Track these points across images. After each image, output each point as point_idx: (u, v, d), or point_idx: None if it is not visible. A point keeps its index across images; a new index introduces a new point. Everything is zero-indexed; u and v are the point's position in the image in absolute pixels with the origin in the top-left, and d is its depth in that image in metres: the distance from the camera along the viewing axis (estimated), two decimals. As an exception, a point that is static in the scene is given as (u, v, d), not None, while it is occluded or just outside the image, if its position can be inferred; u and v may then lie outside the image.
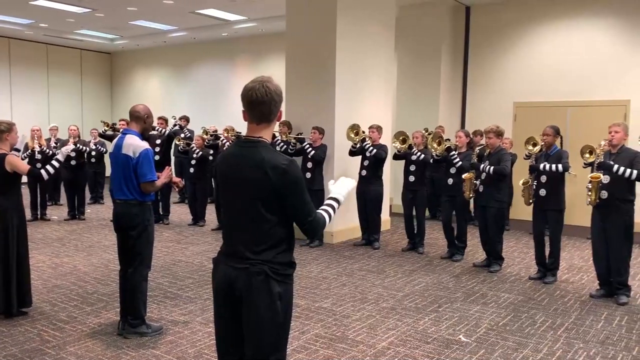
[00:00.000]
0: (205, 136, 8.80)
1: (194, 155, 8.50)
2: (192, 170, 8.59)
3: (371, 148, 7.08)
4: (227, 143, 7.98)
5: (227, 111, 12.90)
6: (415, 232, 7.19)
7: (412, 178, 7.02)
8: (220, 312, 2.37)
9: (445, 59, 10.18)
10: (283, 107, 8.04)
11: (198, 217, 8.81)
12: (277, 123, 7.44)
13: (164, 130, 8.71)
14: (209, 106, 13.80)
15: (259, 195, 2.22)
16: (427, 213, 8.08)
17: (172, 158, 9.90)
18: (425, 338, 4.20)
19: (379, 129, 7.20)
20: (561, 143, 5.72)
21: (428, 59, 10.15)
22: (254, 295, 2.23)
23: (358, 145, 7.18)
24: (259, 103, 2.23)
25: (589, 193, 5.07)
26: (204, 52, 14.24)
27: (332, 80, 7.54)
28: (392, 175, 9.00)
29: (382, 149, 7.09)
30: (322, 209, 2.38)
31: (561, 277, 5.97)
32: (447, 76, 10.28)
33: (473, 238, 7.29)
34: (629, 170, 4.82)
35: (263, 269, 2.22)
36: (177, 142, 9.17)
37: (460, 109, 10.50)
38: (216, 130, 9.12)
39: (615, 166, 4.87)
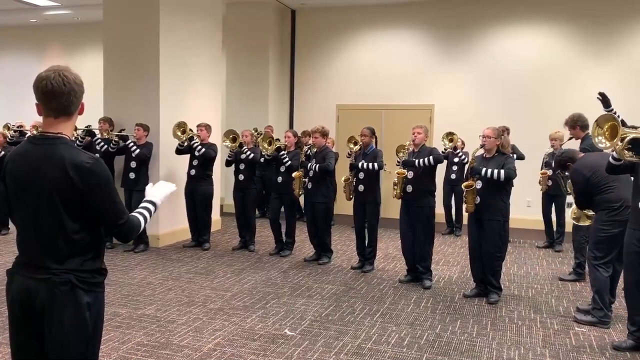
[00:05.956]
0: (6, 132, 7.78)
1: None
2: None
3: (200, 147, 6.95)
4: None
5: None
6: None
7: (241, 177, 7.07)
8: (18, 329, 2.12)
9: (273, 59, 10.35)
10: (99, 102, 7.42)
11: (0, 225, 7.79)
12: (98, 120, 7.01)
13: None
14: (15, 101, 12.22)
15: (60, 198, 2.02)
16: (257, 211, 8.18)
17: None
18: (252, 335, 4.23)
19: (207, 127, 7.08)
20: (376, 142, 6.21)
21: (257, 59, 10.22)
22: (59, 308, 2.03)
23: (186, 144, 7.00)
24: (57, 94, 2.02)
25: (395, 187, 5.68)
26: (8, 39, 12.65)
27: (156, 75, 7.19)
28: (222, 175, 8.91)
29: (212, 147, 7.01)
30: (137, 212, 2.25)
31: (378, 266, 6.46)
32: (276, 76, 10.48)
33: (301, 233, 7.54)
34: (426, 159, 5.47)
35: (68, 278, 2.04)
36: None
37: (289, 109, 10.79)
38: (22, 125, 8.12)
39: (416, 161, 5.50)
